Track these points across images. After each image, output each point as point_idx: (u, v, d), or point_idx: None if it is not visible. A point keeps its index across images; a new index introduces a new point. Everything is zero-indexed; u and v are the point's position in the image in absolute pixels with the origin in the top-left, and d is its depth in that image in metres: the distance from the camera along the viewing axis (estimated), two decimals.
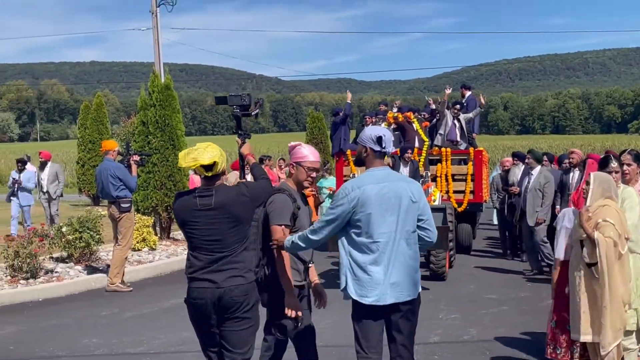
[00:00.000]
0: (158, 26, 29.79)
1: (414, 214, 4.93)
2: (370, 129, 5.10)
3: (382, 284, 4.82)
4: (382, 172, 4.98)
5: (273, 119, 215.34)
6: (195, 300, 4.83)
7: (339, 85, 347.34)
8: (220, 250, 4.80)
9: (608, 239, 5.74)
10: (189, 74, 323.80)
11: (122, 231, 11.32)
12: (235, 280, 4.79)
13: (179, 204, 4.96)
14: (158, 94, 15.60)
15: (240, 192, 4.92)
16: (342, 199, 4.87)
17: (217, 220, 4.79)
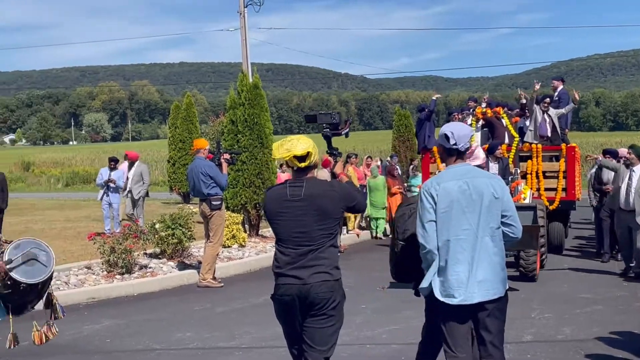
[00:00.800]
0: (246, 26, 30.14)
1: (497, 210, 4.86)
2: (444, 126, 5.06)
3: (467, 283, 4.77)
4: (462, 168, 4.95)
5: (358, 117, 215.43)
6: (282, 296, 4.86)
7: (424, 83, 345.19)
8: (306, 243, 4.79)
9: None
10: (275, 74, 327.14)
11: (213, 228, 11.51)
12: (321, 277, 4.78)
13: (270, 194, 5.03)
14: (247, 93, 15.82)
15: (331, 186, 4.95)
16: (423, 196, 4.88)
17: (305, 212, 4.80)
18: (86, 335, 8.67)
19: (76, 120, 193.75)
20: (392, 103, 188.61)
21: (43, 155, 75.55)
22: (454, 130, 4.94)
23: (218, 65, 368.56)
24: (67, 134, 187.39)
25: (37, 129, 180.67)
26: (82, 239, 14.92)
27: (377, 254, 14.22)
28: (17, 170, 62.45)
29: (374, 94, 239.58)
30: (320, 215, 4.79)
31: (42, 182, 52.94)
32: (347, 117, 6.23)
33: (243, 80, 16.11)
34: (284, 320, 4.98)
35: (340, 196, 4.88)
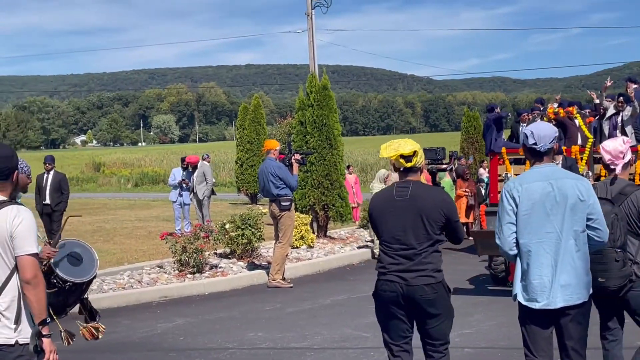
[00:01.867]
0: (313, 28, 30.16)
1: (582, 213, 4.71)
2: (528, 126, 4.99)
3: (550, 287, 4.67)
4: (547, 169, 4.82)
5: (424, 118, 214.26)
6: (386, 292, 4.91)
7: (492, 84, 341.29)
8: (411, 246, 4.86)
9: None
10: (340, 75, 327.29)
11: (282, 229, 11.56)
12: (424, 280, 4.83)
13: (377, 195, 5.21)
14: (316, 94, 15.87)
15: (439, 192, 5.21)
16: (504, 197, 4.79)
17: (410, 211, 4.88)
18: (160, 333, 8.81)
19: (145, 121, 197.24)
20: (459, 105, 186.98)
21: (113, 156, 77.15)
22: (534, 129, 4.83)
23: (284, 67, 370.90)
24: (136, 136, 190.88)
25: (107, 130, 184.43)
26: (152, 238, 15.20)
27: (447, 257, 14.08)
28: (89, 171, 64.07)
29: (440, 95, 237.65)
30: (423, 216, 4.85)
31: (112, 182, 54.13)
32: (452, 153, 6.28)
33: (312, 82, 16.16)
34: (386, 316, 5.03)
35: (444, 203, 4.94)
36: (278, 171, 11.40)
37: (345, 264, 13.92)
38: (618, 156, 5.38)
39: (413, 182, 4.99)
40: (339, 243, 15.58)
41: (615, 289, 5.22)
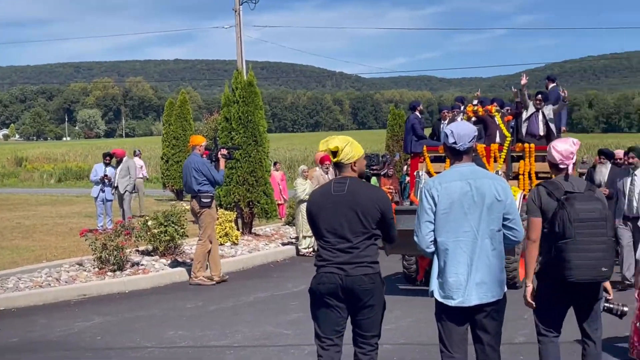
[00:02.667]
0: (241, 24, 30.14)
1: (499, 212, 4.81)
2: (449, 125, 5.07)
3: (466, 285, 4.76)
4: (466, 168, 4.91)
5: (352, 116, 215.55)
6: (325, 284, 4.96)
7: (419, 83, 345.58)
8: (348, 240, 4.93)
9: None
10: (269, 72, 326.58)
11: (202, 226, 11.46)
12: (363, 270, 4.91)
13: (315, 191, 5.29)
14: (241, 90, 15.77)
15: (376, 189, 5.23)
16: (423, 196, 4.85)
17: (347, 206, 4.94)
18: (77, 332, 8.62)
19: (70, 116, 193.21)
20: (386, 102, 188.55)
21: (36, 150, 75.33)
22: (454, 129, 4.90)
23: (213, 62, 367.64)
24: (60, 130, 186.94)
25: (31, 124, 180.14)
26: (74, 235, 14.87)
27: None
28: (10, 166, 62.26)
29: (368, 93, 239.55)
30: (359, 211, 4.92)
31: (35, 177, 52.70)
32: (385, 157, 6.34)
33: (238, 78, 16.06)
34: (321, 309, 5.05)
35: (380, 200, 5.00)
36: (201, 167, 11.30)
37: (269, 261, 13.89)
38: (569, 156, 5.47)
39: (350, 178, 5.05)
40: (263, 240, 15.54)
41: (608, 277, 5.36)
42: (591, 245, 5.15)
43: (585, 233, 5.14)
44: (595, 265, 5.15)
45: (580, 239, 5.14)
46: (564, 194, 5.27)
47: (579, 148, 5.72)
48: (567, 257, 5.15)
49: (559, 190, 5.32)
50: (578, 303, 5.43)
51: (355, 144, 5.11)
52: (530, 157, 13.10)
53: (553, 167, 5.59)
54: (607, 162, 12.56)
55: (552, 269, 5.27)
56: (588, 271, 5.18)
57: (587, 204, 5.23)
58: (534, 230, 5.36)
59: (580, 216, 5.15)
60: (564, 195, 5.27)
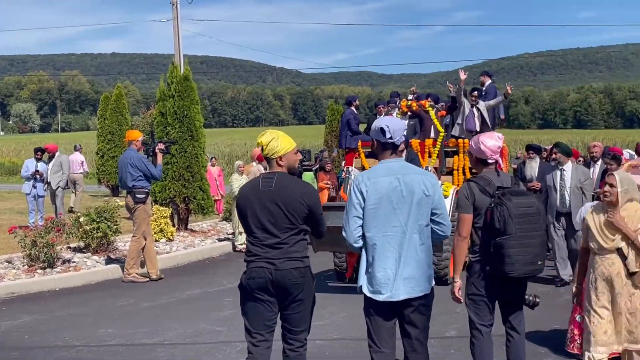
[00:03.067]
0: (178, 17, 29.74)
1: (427, 207, 4.85)
2: (377, 120, 5.06)
3: (394, 280, 4.78)
4: (395, 164, 4.93)
5: (293, 111, 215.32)
6: (254, 279, 4.92)
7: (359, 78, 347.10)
8: (275, 235, 4.90)
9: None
10: (209, 66, 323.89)
11: (136, 222, 11.30)
12: (293, 264, 4.90)
13: (244, 186, 5.21)
14: (177, 85, 15.59)
15: (304, 185, 5.15)
16: (352, 192, 4.84)
17: (274, 202, 4.90)
18: (3, 332, 8.41)
19: (3, 110, 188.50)
20: (327, 98, 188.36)
21: None
22: (389, 123, 4.90)
23: (151, 56, 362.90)
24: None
25: None
26: (3, 232, 14.51)
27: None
28: None
29: (309, 89, 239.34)
30: (286, 206, 4.89)
31: None
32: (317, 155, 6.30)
33: (173, 72, 15.86)
34: (251, 304, 5.01)
35: (307, 196, 4.96)
36: (137, 162, 11.13)
37: (205, 257, 13.77)
38: (496, 151, 5.51)
39: (278, 173, 5.01)
40: (200, 236, 15.40)
41: (542, 270, 5.45)
42: (529, 239, 5.21)
43: (524, 228, 5.18)
44: (532, 259, 5.22)
45: (520, 234, 5.18)
46: (497, 189, 5.32)
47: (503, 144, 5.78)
48: (507, 253, 5.17)
49: (491, 185, 5.36)
50: (508, 297, 5.49)
51: (283, 139, 5.06)
52: (465, 153, 12.88)
53: (480, 162, 5.62)
54: (536, 156, 12.76)
55: (491, 264, 5.31)
56: (527, 266, 5.24)
57: (523, 198, 5.28)
58: (465, 226, 5.39)
59: (519, 211, 5.19)
60: (498, 191, 5.31)
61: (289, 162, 5.09)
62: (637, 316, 5.61)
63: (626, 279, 5.57)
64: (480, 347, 5.53)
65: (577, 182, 10.49)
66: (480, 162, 5.61)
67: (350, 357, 7.14)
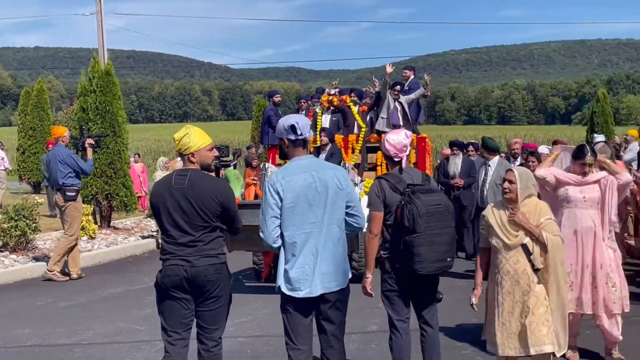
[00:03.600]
0: (102, 11, 29.23)
1: (342, 201, 4.90)
2: (283, 119, 5.04)
3: (311, 276, 4.80)
4: (307, 160, 4.95)
5: (221, 107, 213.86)
6: (170, 277, 4.87)
7: (287, 74, 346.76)
8: (189, 233, 4.87)
9: (557, 237, 5.46)
10: (136, 61, 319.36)
11: (68, 220, 11.09)
12: (208, 260, 4.87)
13: (157, 183, 5.14)
14: (98, 80, 15.31)
15: (217, 182, 5.10)
16: (267, 192, 4.83)
17: (187, 199, 4.86)
18: None
19: None
20: (256, 93, 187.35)
21: None
22: (298, 120, 4.91)
23: (76, 50, 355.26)
24: None
25: None
26: None
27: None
28: None
29: (237, 84, 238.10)
30: (199, 204, 4.85)
31: None
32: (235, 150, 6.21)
33: (95, 67, 15.56)
34: (167, 302, 4.96)
35: (221, 193, 4.92)
36: (67, 159, 10.92)
37: (127, 254, 13.59)
38: (402, 149, 5.54)
39: (192, 170, 4.96)
40: (123, 233, 15.17)
41: (451, 266, 5.50)
42: (438, 237, 5.26)
43: (433, 226, 5.24)
44: (441, 257, 5.27)
45: (429, 232, 5.24)
46: (407, 187, 5.38)
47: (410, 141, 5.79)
48: (416, 251, 5.24)
49: (402, 183, 5.41)
50: (420, 292, 5.57)
51: (197, 135, 5.00)
52: None
53: (388, 159, 5.68)
54: (459, 153, 12.79)
55: (401, 262, 5.37)
56: (436, 263, 5.30)
57: (432, 195, 5.35)
58: (376, 224, 5.44)
59: (428, 209, 5.25)
60: (407, 189, 5.36)
61: (202, 159, 5.02)
62: (539, 314, 5.37)
63: (532, 276, 5.40)
64: (397, 342, 5.59)
65: (496, 178, 10.43)
66: (387, 159, 5.68)
67: (271, 354, 7.12)
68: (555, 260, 5.41)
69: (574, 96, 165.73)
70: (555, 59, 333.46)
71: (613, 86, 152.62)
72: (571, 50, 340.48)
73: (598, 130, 23.52)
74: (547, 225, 5.43)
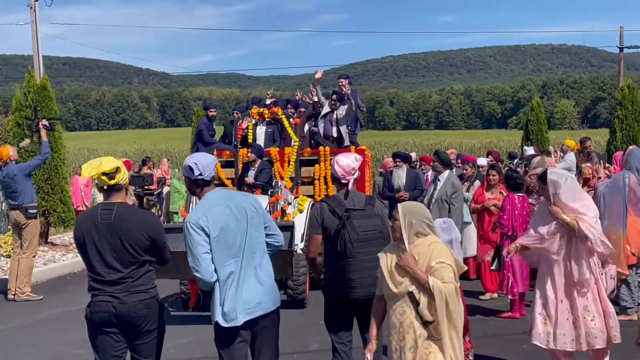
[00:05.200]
0: (37, 21, 28.66)
1: (260, 224, 4.96)
2: (188, 157, 5.05)
3: (240, 303, 4.78)
4: (217, 194, 4.98)
5: (160, 113, 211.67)
6: (98, 313, 4.78)
7: (227, 80, 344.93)
8: (118, 270, 4.77)
9: (449, 284, 4.64)
10: (72, 68, 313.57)
11: (28, 238, 10.95)
12: (137, 296, 4.78)
13: (81, 217, 5.00)
14: (34, 94, 15.09)
15: (146, 213, 5.04)
16: (192, 230, 4.75)
17: (116, 236, 4.74)
18: None
19: None
20: (195, 100, 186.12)
21: None
22: (197, 161, 4.91)
23: (11, 57, 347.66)
24: None
25: None
26: None
27: None
28: None
29: (177, 90, 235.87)
30: (127, 239, 4.75)
31: None
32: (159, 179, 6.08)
33: (30, 81, 15.34)
34: (99, 338, 4.88)
35: (149, 226, 4.83)
36: (22, 172, 10.82)
37: (66, 272, 13.40)
38: (350, 172, 5.59)
39: (118, 203, 4.86)
40: (61, 250, 14.96)
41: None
42: (370, 263, 5.32)
43: (364, 252, 5.35)
44: (373, 282, 5.27)
45: (361, 258, 5.34)
46: (345, 211, 5.46)
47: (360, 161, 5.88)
48: (349, 276, 5.35)
49: (341, 207, 5.50)
50: (359, 315, 5.66)
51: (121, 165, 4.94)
52: (326, 161, 12.16)
53: (335, 180, 5.77)
54: (402, 165, 12.23)
55: (336, 286, 5.47)
56: (367, 288, 5.37)
57: (365, 221, 5.45)
58: (314, 245, 5.56)
59: (360, 235, 5.36)
60: (345, 213, 5.45)
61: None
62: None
63: (420, 330, 4.68)
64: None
65: (443, 194, 10.12)
66: (335, 180, 5.76)
67: None
68: (445, 312, 4.63)
69: (509, 101, 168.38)
70: (491, 64, 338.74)
71: (547, 91, 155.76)
72: (506, 55, 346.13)
73: (532, 138, 24.07)
74: (438, 270, 4.65)
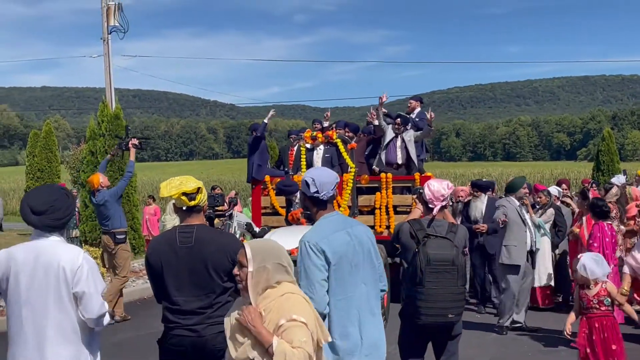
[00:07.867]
0: (109, 54, 29.40)
1: (376, 259, 4.59)
2: (307, 172, 4.62)
3: (361, 345, 4.41)
4: (338, 217, 4.57)
5: (227, 144, 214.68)
6: (174, 345, 4.57)
7: (293, 112, 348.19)
8: (198, 298, 4.49)
9: (299, 350, 3.39)
10: (142, 100, 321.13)
11: (120, 263, 11.23)
12: (216, 328, 4.38)
13: (156, 242, 4.73)
14: (107, 123, 15.49)
15: (228, 236, 4.85)
16: (311, 252, 4.29)
17: (196, 259, 4.48)
18: None
19: None
20: None
21: None
22: (316, 176, 4.42)
23: (83, 90, 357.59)
24: None
25: None
26: None
27: None
28: None
29: (243, 122, 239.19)
30: (209, 264, 4.45)
31: None
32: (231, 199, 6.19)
33: (104, 111, 15.79)
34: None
35: (232, 248, 4.36)
36: (113, 196, 10.99)
37: (136, 298, 13.58)
38: (439, 198, 5.51)
39: (197, 225, 4.54)
40: (131, 276, 15.15)
41: (456, 322, 5.40)
42: (439, 292, 5.21)
43: (434, 282, 5.21)
44: (442, 312, 5.22)
45: (429, 287, 5.22)
46: (425, 237, 5.38)
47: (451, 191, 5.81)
48: (417, 303, 5.28)
49: (422, 231, 5.40)
50: (434, 340, 5.60)
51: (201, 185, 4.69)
52: (388, 189, 11.64)
53: (423, 203, 5.71)
54: (481, 194, 11.47)
55: (408, 310, 5.43)
56: (435, 317, 5.29)
57: (441, 250, 5.29)
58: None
59: (431, 265, 5.23)
60: (424, 238, 5.37)
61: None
62: None
63: None
64: None
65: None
66: (423, 203, 5.70)
67: None
68: None
69: (578, 132, 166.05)
70: (560, 95, 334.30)
71: (618, 122, 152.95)
72: (575, 86, 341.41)
73: (604, 169, 23.61)
74: (288, 330, 3.46)
